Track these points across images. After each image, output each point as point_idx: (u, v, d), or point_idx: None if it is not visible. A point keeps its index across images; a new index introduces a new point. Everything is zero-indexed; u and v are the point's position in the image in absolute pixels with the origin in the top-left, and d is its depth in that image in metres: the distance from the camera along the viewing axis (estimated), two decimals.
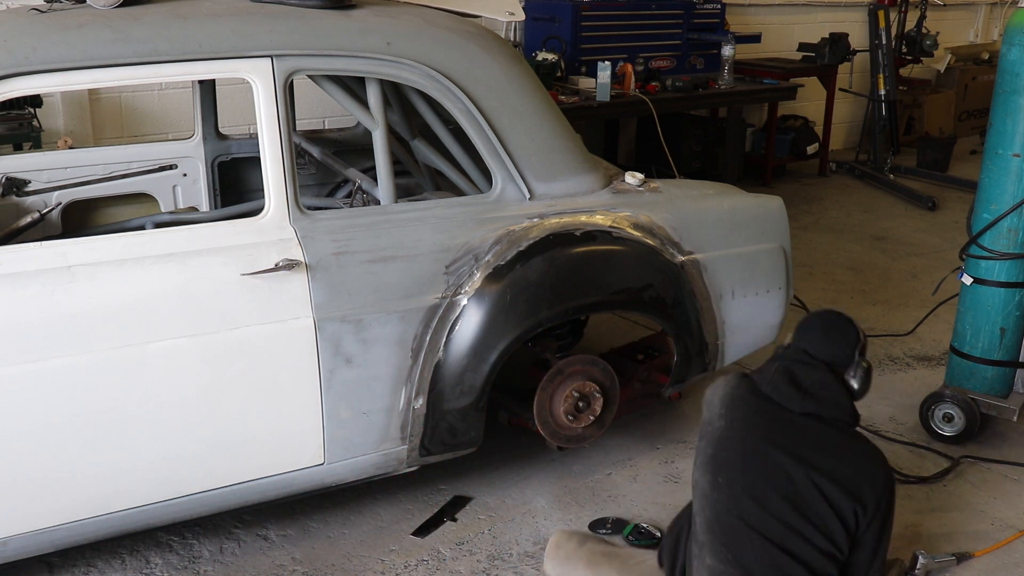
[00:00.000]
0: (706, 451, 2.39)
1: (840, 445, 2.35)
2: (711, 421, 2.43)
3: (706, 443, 2.41)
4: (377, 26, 2.81)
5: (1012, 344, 3.55)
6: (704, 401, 2.51)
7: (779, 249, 3.43)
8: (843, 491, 2.27)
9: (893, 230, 6.50)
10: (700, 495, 2.38)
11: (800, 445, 2.32)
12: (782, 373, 2.39)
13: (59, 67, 2.45)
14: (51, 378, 2.39)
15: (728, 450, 2.36)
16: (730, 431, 2.37)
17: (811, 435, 2.34)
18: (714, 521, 2.33)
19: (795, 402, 2.35)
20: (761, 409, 2.39)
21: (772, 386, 2.39)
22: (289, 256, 2.62)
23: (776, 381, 2.39)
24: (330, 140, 3.87)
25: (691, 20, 6.69)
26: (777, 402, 2.37)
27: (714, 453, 2.37)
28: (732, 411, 2.40)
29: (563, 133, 3.10)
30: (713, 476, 2.35)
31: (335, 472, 2.83)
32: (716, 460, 2.36)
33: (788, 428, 2.35)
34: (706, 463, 2.38)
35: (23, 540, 2.49)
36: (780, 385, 2.38)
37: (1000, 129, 3.40)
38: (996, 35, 10.19)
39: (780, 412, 2.37)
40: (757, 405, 2.39)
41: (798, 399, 2.35)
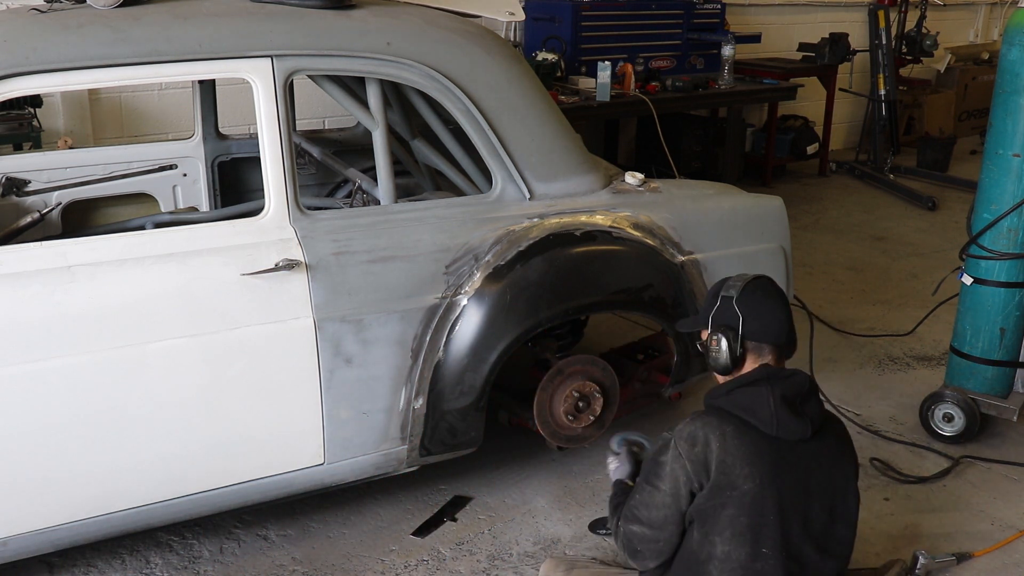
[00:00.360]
0: (738, 519, 2.13)
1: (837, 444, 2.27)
2: (731, 485, 2.13)
3: (735, 511, 2.13)
4: (377, 26, 2.81)
5: (1012, 344, 3.55)
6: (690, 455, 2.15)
7: (779, 249, 3.43)
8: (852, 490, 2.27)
9: (893, 230, 6.50)
10: (731, 568, 2.15)
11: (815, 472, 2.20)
12: (782, 405, 2.16)
13: (59, 67, 2.45)
14: (51, 378, 2.39)
15: (765, 515, 2.14)
16: (762, 494, 2.13)
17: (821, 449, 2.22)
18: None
19: (802, 432, 2.17)
20: (783, 458, 2.16)
21: (781, 426, 2.15)
22: (289, 256, 2.62)
23: (782, 418, 2.15)
24: (330, 140, 3.87)
25: (691, 20, 6.69)
26: (786, 439, 2.17)
27: (750, 522, 2.13)
28: (756, 470, 2.13)
29: (563, 133, 3.10)
30: (753, 547, 2.13)
31: (335, 472, 2.83)
32: (755, 529, 2.13)
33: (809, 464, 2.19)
34: (743, 535, 2.13)
35: (23, 540, 2.49)
36: (787, 422, 2.16)
37: (1000, 129, 3.40)
38: (996, 35, 10.20)
39: (795, 449, 2.18)
40: (776, 455, 2.16)
41: (806, 430, 2.17)
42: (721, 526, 2.14)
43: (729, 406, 2.19)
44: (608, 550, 2.98)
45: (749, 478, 2.12)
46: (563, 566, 2.62)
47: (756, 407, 2.16)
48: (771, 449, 2.15)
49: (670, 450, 2.19)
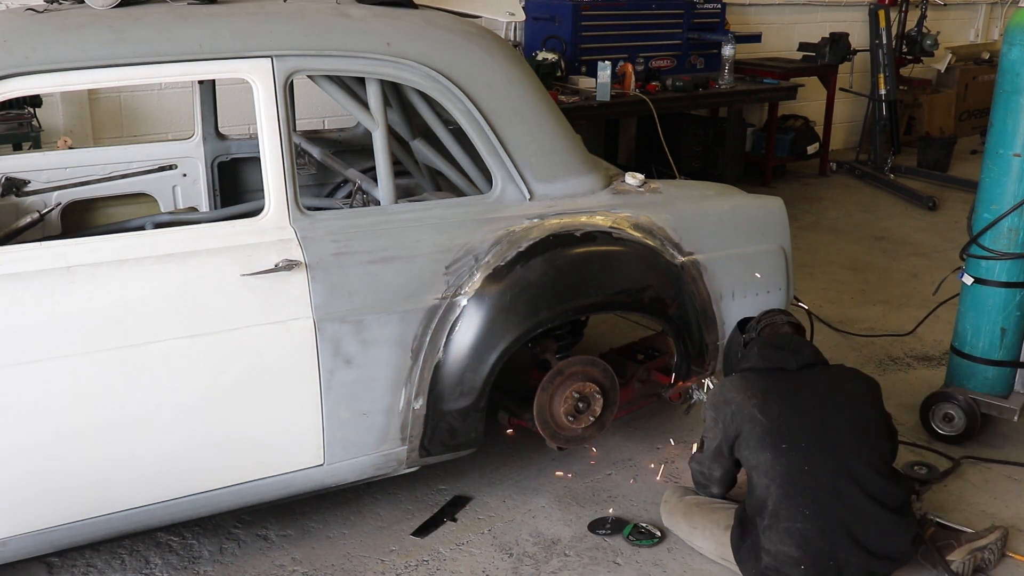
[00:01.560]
0: (754, 432, 2.69)
1: (840, 375, 2.87)
2: (741, 409, 2.73)
3: (750, 426, 2.69)
4: (377, 26, 2.81)
5: (1012, 344, 3.55)
6: (712, 408, 2.84)
7: (779, 249, 3.42)
8: (870, 407, 2.77)
9: (893, 230, 6.50)
10: (764, 472, 2.66)
11: (822, 390, 2.75)
12: (766, 346, 2.87)
13: (59, 67, 2.45)
14: (51, 378, 2.39)
15: (774, 419, 2.68)
16: (767, 406, 2.70)
17: (819, 379, 2.79)
18: (786, 486, 2.62)
19: (790, 361, 2.80)
20: (777, 380, 2.78)
21: (766, 359, 2.83)
22: (289, 256, 2.61)
23: (766, 353, 2.84)
24: (330, 140, 3.87)
25: (691, 20, 6.69)
26: (778, 368, 2.80)
27: (764, 429, 2.67)
28: (757, 391, 2.74)
29: (563, 133, 3.10)
30: (775, 447, 2.65)
31: (335, 473, 2.83)
32: (771, 433, 2.67)
33: (804, 382, 2.77)
34: (762, 439, 2.67)
35: (22, 540, 2.49)
36: (771, 355, 2.83)
37: (1001, 129, 3.40)
38: (997, 35, 10.19)
39: (791, 375, 2.79)
40: (771, 379, 2.78)
41: (787, 358, 2.81)
42: (748, 441, 2.71)
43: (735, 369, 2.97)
44: (609, 551, 2.98)
45: (752, 396, 2.73)
46: (679, 492, 3.09)
47: (750, 357, 2.89)
48: (770, 378, 2.79)
49: (705, 410, 2.92)
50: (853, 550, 2.58)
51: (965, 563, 2.76)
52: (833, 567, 2.58)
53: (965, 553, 2.77)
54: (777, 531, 2.60)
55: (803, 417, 2.68)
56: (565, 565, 2.92)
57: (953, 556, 2.77)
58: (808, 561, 2.57)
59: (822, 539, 2.57)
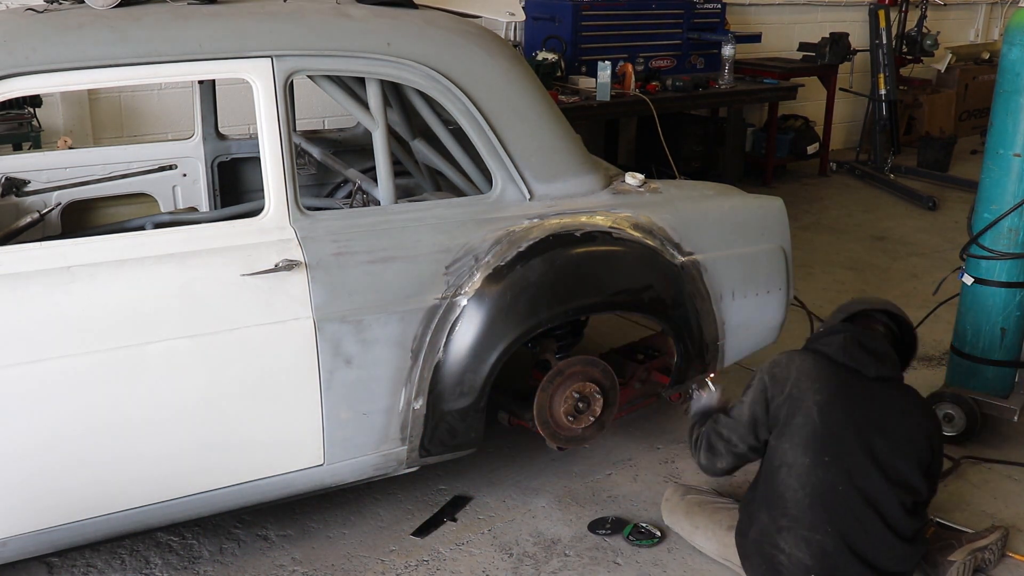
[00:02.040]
0: (804, 429, 2.55)
1: (911, 403, 2.68)
2: (802, 396, 2.57)
3: (803, 420, 2.55)
4: (377, 26, 2.81)
5: (1012, 344, 3.55)
6: (770, 377, 2.65)
7: (779, 249, 3.42)
8: (922, 448, 2.60)
9: (893, 230, 6.50)
10: (796, 475, 2.55)
11: (887, 412, 2.60)
12: (853, 343, 2.65)
13: (59, 67, 2.45)
14: (51, 379, 2.39)
15: (830, 426, 2.54)
16: (829, 408, 2.55)
17: (889, 398, 2.63)
18: (815, 498, 2.52)
19: (867, 363, 2.62)
20: (850, 383, 2.61)
21: (848, 355, 2.63)
22: (289, 256, 2.61)
23: (851, 351, 2.64)
24: (330, 140, 3.87)
25: (691, 20, 6.69)
26: (855, 369, 2.62)
27: (815, 432, 2.54)
28: (826, 388, 2.58)
29: (563, 133, 3.10)
30: (817, 456, 2.53)
31: (335, 473, 2.83)
32: (821, 440, 2.53)
33: (871, 394, 2.61)
34: (808, 442, 2.54)
35: (22, 540, 2.49)
36: (855, 353, 2.63)
37: (1001, 129, 3.40)
38: (997, 35, 10.19)
39: (867, 385, 2.62)
40: (844, 378, 2.61)
41: (871, 363, 2.63)
42: (791, 433, 2.56)
43: (812, 345, 2.73)
44: (609, 551, 2.98)
45: (817, 392, 2.57)
46: (681, 490, 3.06)
47: (832, 343, 2.67)
48: (841, 375, 2.61)
49: (757, 374, 2.72)
50: (864, 571, 2.54)
51: (965, 563, 2.76)
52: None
53: (965, 553, 2.77)
54: (795, 536, 2.55)
55: (857, 434, 2.54)
56: (565, 565, 2.92)
57: (954, 556, 2.77)
58: (818, 571, 2.53)
59: (838, 555, 2.52)
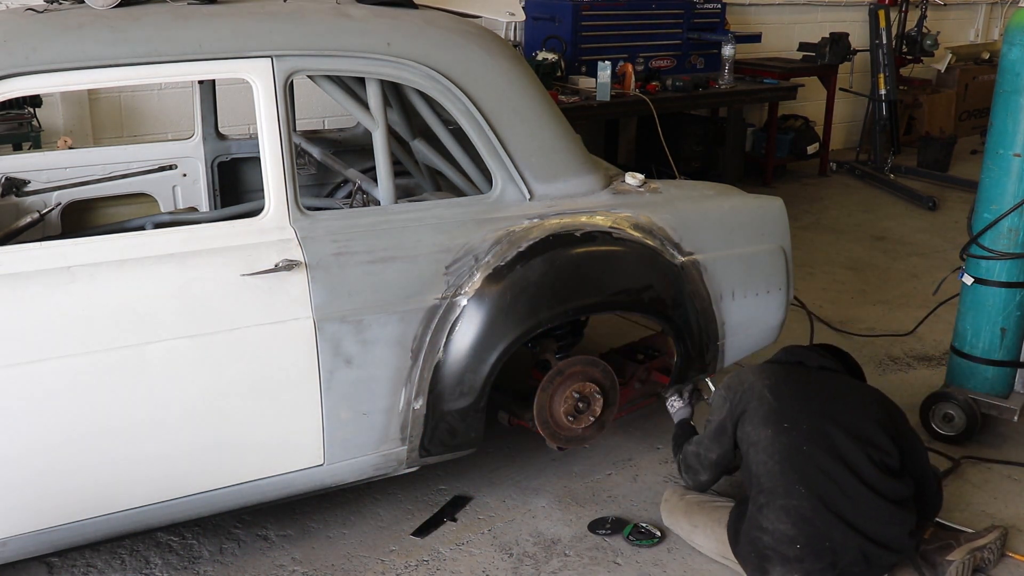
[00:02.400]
0: (760, 409, 2.76)
1: (860, 386, 2.92)
2: (752, 388, 2.80)
3: (757, 403, 2.77)
4: (377, 26, 2.81)
5: (1012, 344, 3.55)
6: (725, 388, 2.90)
7: (779, 249, 3.42)
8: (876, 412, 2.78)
9: (893, 230, 6.50)
10: (763, 448, 2.71)
11: (833, 387, 2.83)
12: (792, 347, 3.02)
13: (59, 67, 2.45)
14: (51, 379, 2.39)
15: (782, 400, 2.76)
16: (778, 388, 2.79)
17: (833, 379, 2.87)
18: (784, 463, 2.67)
19: (813, 358, 2.92)
20: (796, 371, 2.88)
21: (790, 353, 2.98)
22: (289, 256, 2.61)
23: (792, 350, 2.98)
24: (330, 140, 3.86)
25: (691, 20, 6.69)
26: (798, 361, 2.93)
27: (770, 408, 2.74)
28: (771, 375, 2.84)
29: (563, 133, 3.10)
30: (777, 424, 2.72)
31: (335, 473, 2.83)
32: (776, 412, 2.73)
33: (817, 377, 2.86)
34: (767, 417, 2.74)
35: (22, 540, 2.49)
36: (796, 351, 2.98)
37: (1001, 129, 3.40)
38: (997, 35, 10.19)
39: (805, 368, 2.90)
40: (789, 368, 2.90)
41: (815, 357, 2.92)
42: (752, 418, 2.76)
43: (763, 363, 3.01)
44: (609, 551, 2.98)
45: (767, 377, 2.82)
46: (680, 491, 3.10)
47: (779, 355, 3.01)
48: (787, 368, 2.90)
49: (716, 393, 2.96)
50: (849, 533, 2.59)
51: (964, 563, 2.77)
52: (829, 548, 2.59)
53: (964, 553, 2.78)
54: (774, 508, 2.63)
55: (810, 402, 2.75)
56: (565, 565, 2.92)
57: (952, 556, 2.77)
58: (803, 540, 2.59)
59: (817, 518, 2.59)
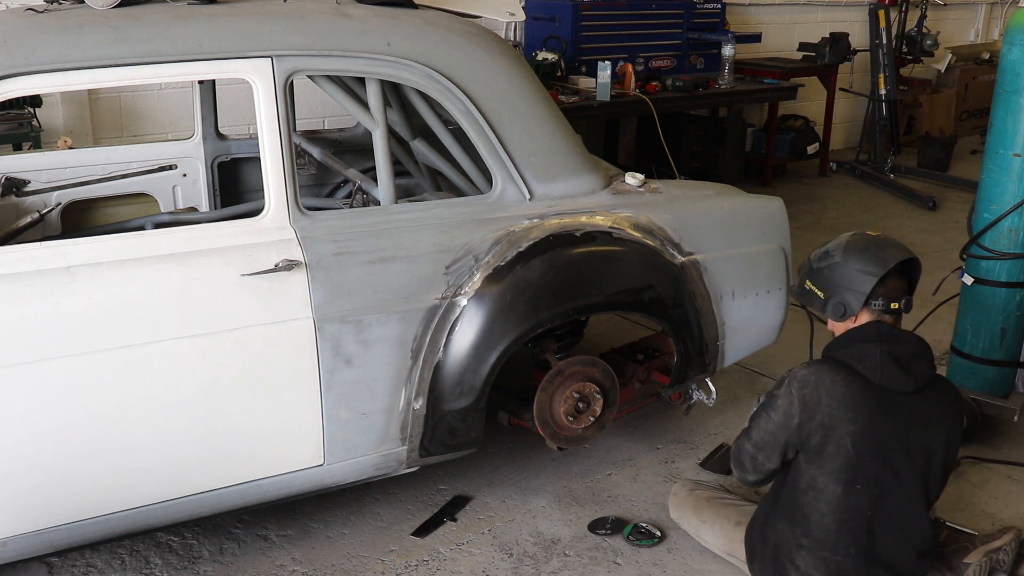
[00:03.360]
0: (836, 458, 2.46)
1: (944, 407, 2.55)
2: (835, 425, 2.46)
3: (835, 448, 2.46)
4: (377, 26, 2.81)
5: (1013, 344, 3.55)
6: (802, 399, 2.49)
7: (779, 250, 3.42)
8: (951, 446, 2.56)
9: (893, 230, 6.50)
10: (826, 501, 2.49)
11: (918, 423, 2.50)
12: (889, 359, 2.48)
13: (59, 67, 2.45)
14: (51, 379, 2.39)
15: (862, 455, 2.45)
16: (864, 438, 2.45)
17: (926, 409, 2.52)
18: (843, 524, 2.48)
19: (908, 385, 2.48)
20: (884, 406, 2.48)
21: (885, 376, 2.48)
22: (289, 256, 2.61)
23: (887, 370, 2.48)
24: (330, 140, 3.87)
25: (691, 20, 6.69)
26: (891, 389, 2.49)
27: (848, 462, 2.46)
28: (861, 415, 2.46)
29: (563, 133, 3.10)
30: (849, 484, 2.46)
31: (335, 473, 2.83)
32: (853, 469, 2.46)
33: (908, 410, 2.50)
34: (840, 471, 2.46)
35: (22, 541, 2.49)
36: (892, 374, 2.48)
37: (1001, 129, 3.40)
38: (997, 35, 10.19)
39: (899, 400, 2.49)
40: (878, 403, 2.48)
41: (908, 383, 2.48)
42: (822, 461, 2.47)
43: (842, 356, 2.53)
44: (609, 551, 2.98)
45: (852, 421, 2.45)
46: (689, 485, 3.06)
47: (865, 358, 2.48)
48: (874, 398, 2.47)
49: (784, 387, 2.55)
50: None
51: (981, 565, 2.76)
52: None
53: (981, 555, 2.78)
54: (815, 557, 2.52)
55: (888, 459, 2.48)
56: (565, 565, 2.92)
57: (970, 559, 2.76)
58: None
59: (856, 573, 2.52)
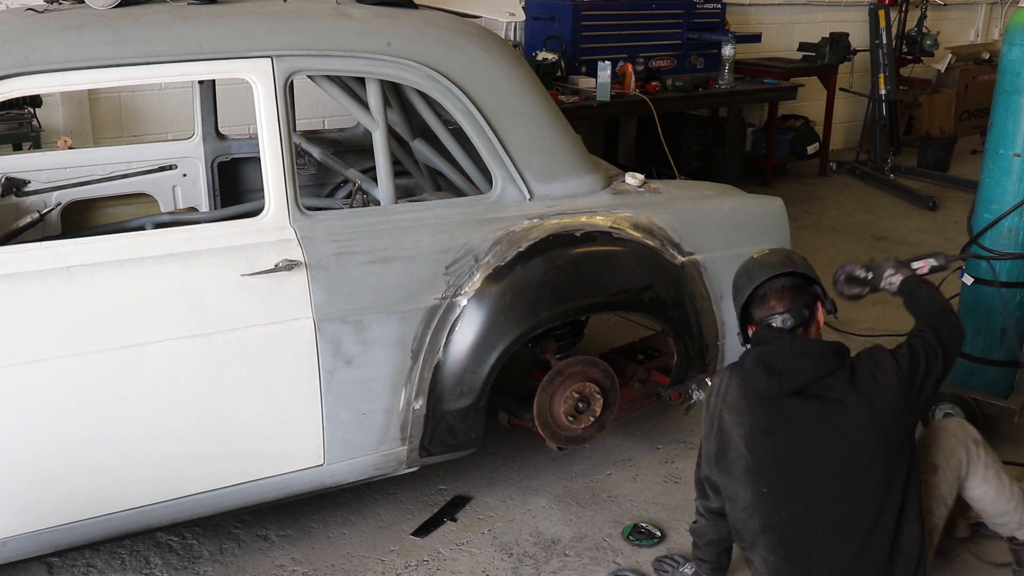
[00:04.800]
0: (737, 464, 2.48)
1: (835, 395, 2.40)
2: (728, 432, 2.49)
3: (735, 455, 2.48)
4: (377, 26, 2.81)
5: (1013, 344, 3.55)
6: (706, 407, 2.61)
7: None
8: (877, 443, 2.38)
9: (893, 230, 6.50)
10: (741, 507, 2.50)
11: (815, 426, 2.41)
12: (756, 362, 2.44)
13: (59, 67, 2.45)
14: (51, 379, 2.39)
15: (759, 456, 2.45)
16: (753, 441, 2.45)
17: (810, 412, 2.41)
18: (765, 525, 2.46)
19: (774, 388, 2.40)
20: (766, 409, 2.44)
21: (752, 379, 2.44)
22: (289, 256, 2.61)
23: (754, 373, 2.43)
24: (330, 140, 3.87)
25: (691, 20, 6.69)
26: (767, 395, 2.44)
27: (746, 466, 2.47)
28: (745, 418, 2.47)
29: (563, 134, 3.10)
30: (755, 488, 2.46)
31: (335, 473, 2.83)
32: (753, 472, 2.46)
33: (796, 413, 2.42)
34: (744, 476, 2.47)
35: (22, 541, 2.49)
36: (757, 376, 2.42)
37: (1001, 129, 3.39)
38: (997, 35, 10.19)
39: (780, 402, 2.43)
40: (762, 406, 2.45)
41: (775, 386, 2.40)
42: (728, 468, 2.51)
43: (742, 359, 2.54)
44: (609, 551, 2.98)
45: (740, 425, 2.47)
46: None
47: (744, 359, 2.52)
48: (758, 401, 2.45)
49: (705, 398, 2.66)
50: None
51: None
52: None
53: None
54: (757, 556, 2.51)
55: (789, 459, 2.42)
56: (565, 565, 2.92)
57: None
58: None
59: (794, 573, 2.45)
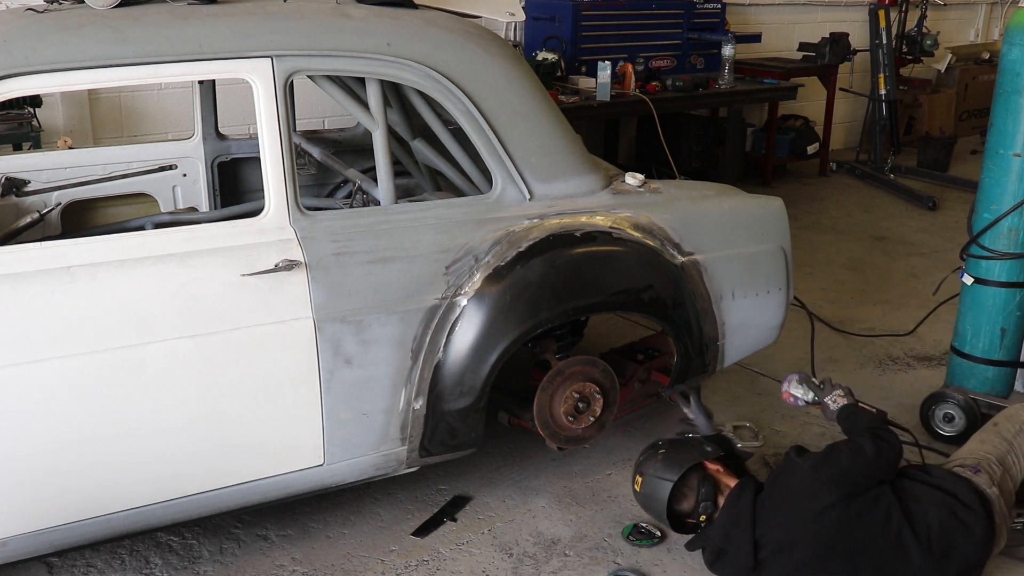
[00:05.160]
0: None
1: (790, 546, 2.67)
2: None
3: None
4: (377, 26, 2.81)
5: (1012, 344, 3.55)
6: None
7: (779, 249, 3.42)
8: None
9: (893, 230, 6.50)
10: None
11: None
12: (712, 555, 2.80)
13: (59, 67, 2.45)
14: (51, 379, 2.39)
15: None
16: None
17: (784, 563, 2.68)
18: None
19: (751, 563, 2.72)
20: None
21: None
22: (289, 256, 2.61)
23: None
24: (330, 140, 3.87)
25: (691, 20, 6.69)
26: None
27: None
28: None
29: (563, 134, 3.10)
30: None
31: (335, 473, 2.83)
32: None
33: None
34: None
35: (22, 541, 2.49)
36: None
37: (1001, 129, 3.40)
38: (997, 35, 10.19)
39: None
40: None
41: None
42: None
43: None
44: (609, 551, 2.98)
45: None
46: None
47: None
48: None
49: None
50: None
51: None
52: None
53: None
54: None
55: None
56: (565, 565, 2.92)
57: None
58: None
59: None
